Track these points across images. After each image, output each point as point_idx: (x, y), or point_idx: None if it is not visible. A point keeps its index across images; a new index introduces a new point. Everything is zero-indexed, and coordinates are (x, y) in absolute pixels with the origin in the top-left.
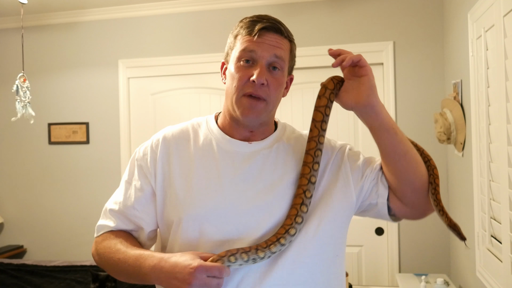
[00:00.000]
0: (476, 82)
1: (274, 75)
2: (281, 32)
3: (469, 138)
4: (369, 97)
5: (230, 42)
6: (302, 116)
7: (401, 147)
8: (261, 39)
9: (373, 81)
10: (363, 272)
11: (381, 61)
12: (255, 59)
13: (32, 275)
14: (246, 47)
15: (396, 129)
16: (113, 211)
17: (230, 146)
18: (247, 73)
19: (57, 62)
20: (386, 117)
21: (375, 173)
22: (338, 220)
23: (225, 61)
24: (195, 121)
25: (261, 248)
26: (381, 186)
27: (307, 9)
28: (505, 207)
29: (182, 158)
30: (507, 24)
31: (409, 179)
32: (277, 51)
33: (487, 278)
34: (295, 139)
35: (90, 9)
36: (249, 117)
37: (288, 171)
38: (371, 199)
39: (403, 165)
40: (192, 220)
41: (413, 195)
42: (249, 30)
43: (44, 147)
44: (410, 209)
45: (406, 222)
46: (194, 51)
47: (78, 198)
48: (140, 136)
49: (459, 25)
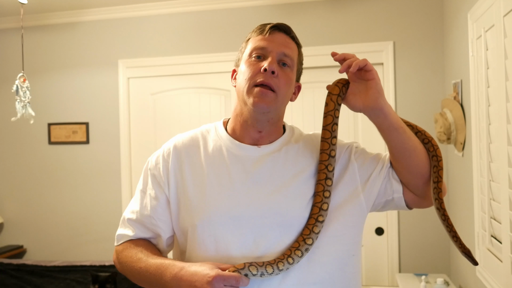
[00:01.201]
0: (476, 82)
1: (284, 70)
2: (290, 33)
3: (469, 138)
4: (377, 100)
5: (242, 47)
6: (302, 116)
7: (410, 143)
8: (271, 37)
9: (380, 84)
10: (363, 272)
11: (381, 61)
12: (266, 54)
13: (32, 275)
14: (257, 45)
15: (404, 127)
16: (131, 220)
17: (240, 151)
18: (258, 65)
19: (57, 62)
20: (395, 117)
21: (386, 170)
22: (349, 220)
23: (236, 66)
24: (204, 128)
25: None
26: (394, 182)
27: (307, 9)
28: (505, 207)
29: (194, 165)
30: (507, 24)
31: (420, 172)
32: (286, 50)
33: (487, 278)
34: (303, 140)
35: (90, 9)
36: (260, 105)
37: (299, 171)
38: (387, 196)
39: (414, 160)
40: (206, 226)
41: (425, 186)
42: (260, 31)
43: (44, 147)
44: (423, 199)
45: (406, 222)
46: (194, 51)
47: (78, 198)
48: (140, 136)
49: (459, 25)
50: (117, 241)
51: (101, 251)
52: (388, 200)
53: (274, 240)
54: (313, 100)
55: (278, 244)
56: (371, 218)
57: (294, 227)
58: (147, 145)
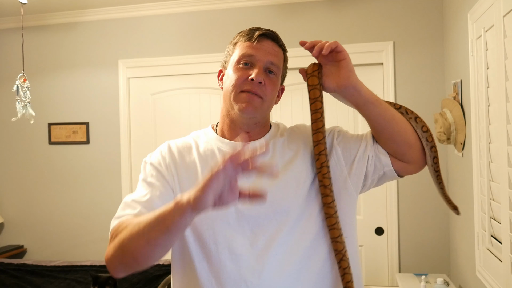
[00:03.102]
0: (476, 82)
1: (270, 77)
2: (277, 41)
3: (469, 138)
4: (349, 78)
5: (229, 50)
6: (302, 115)
7: (388, 113)
8: (259, 45)
9: (351, 63)
10: (363, 272)
11: (381, 61)
12: (253, 63)
13: (32, 275)
14: (245, 52)
15: (379, 99)
16: (136, 201)
17: (230, 148)
18: (245, 73)
19: (57, 62)
20: (368, 92)
21: (370, 148)
22: (340, 204)
23: (222, 68)
24: (194, 134)
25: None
26: (382, 156)
27: (307, 9)
28: (505, 207)
29: (188, 165)
30: (507, 24)
31: (403, 138)
32: (273, 58)
33: (487, 278)
34: (288, 133)
35: (90, 9)
36: (247, 111)
37: (287, 161)
38: (378, 172)
39: (394, 128)
40: (204, 220)
41: (411, 151)
42: (248, 37)
43: (44, 147)
44: (411, 165)
45: (406, 222)
46: (194, 51)
47: (78, 198)
48: (140, 136)
49: (459, 25)
50: (113, 223)
51: (101, 251)
52: (380, 175)
53: (272, 229)
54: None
55: (276, 232)
56: (371, 218)
57: (290, 214)
58: (147, 145)
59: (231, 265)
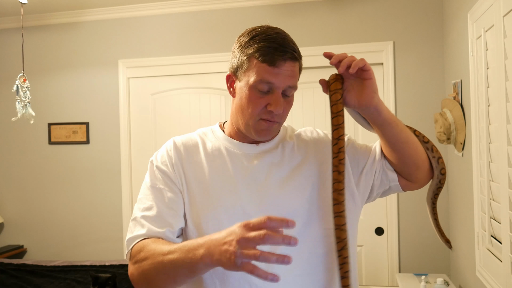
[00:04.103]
0: (476, 82)
1: (287, 99)
2: (296, 58)
3: (469, 138)
4: (373, 99)
5: (240, 60)
6: (302, 115)
7: (403, 135)
8: (278, 70)
9: (376, 83)
10: (363, 272)
11: (381, 61)
12: (272, 89)
13: (32, 275)
14: (263, 78)
15: (396, 121)
16: (146, 217)
17: (239, 149)
18: (264, 100)
19: (57, 62)
20: (388, 113)
21: (378, 163)
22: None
23: (232, 74)
24: (200, 131)
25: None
26: (388, 172)
27: (307, 9)
28: (505, 207)
29: (194, 163)
30: (507, 24)
31: (413, 160)
32: (291, 82)
33: (487, 278)
34: (296, 136)
35: (90, 9)
36: (265, 136)
37: (296, 165)
38: (384, 186)
39: (407, 150)
40: (211, 220)
41: (417, 172)
42: (265, 59)
43: (44, 147)
44: (414, 184)
45: (406, 222)
46: (194, 51)
47: (78, 198)
48: (140, 136)
49: (459, 25)
50: (129, 245)
51: (101, 251)
52: (386, 189)
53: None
54: (313, 100)
55: None
56: (371, 218)
57: (296, 218)
58: (147, 145)
59: None
